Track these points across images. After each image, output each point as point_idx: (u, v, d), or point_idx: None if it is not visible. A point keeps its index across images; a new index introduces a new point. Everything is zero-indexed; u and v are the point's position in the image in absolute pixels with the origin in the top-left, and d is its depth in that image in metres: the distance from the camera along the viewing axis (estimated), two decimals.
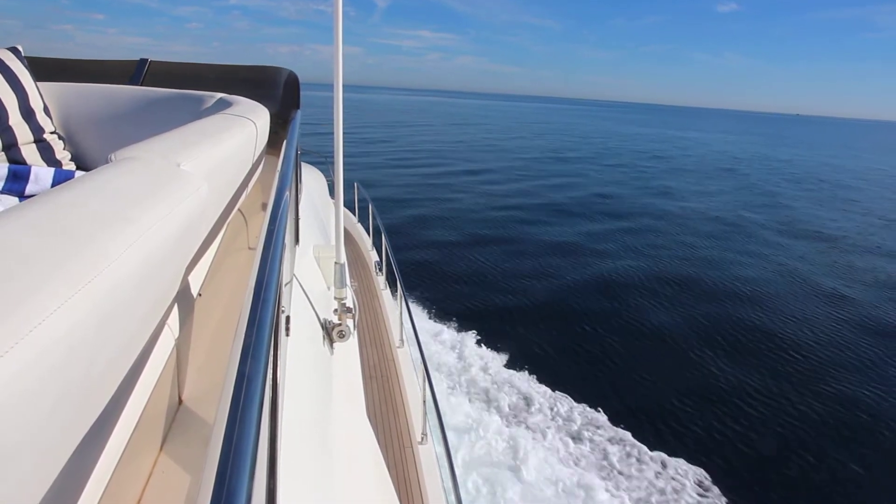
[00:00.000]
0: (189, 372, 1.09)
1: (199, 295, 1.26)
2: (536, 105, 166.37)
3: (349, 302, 1.57)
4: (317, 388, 1.19)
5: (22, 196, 1.50)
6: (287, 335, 1.02)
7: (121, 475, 0.74)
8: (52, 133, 1.87)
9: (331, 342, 1.52)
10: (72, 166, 1.91)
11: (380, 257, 5.24)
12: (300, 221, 1.88)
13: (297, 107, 2.58)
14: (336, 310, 1.56)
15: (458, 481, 1.95)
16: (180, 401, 1.06)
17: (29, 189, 1.53)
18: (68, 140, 2.05)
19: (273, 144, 2.10)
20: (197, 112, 1.98)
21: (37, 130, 1.78)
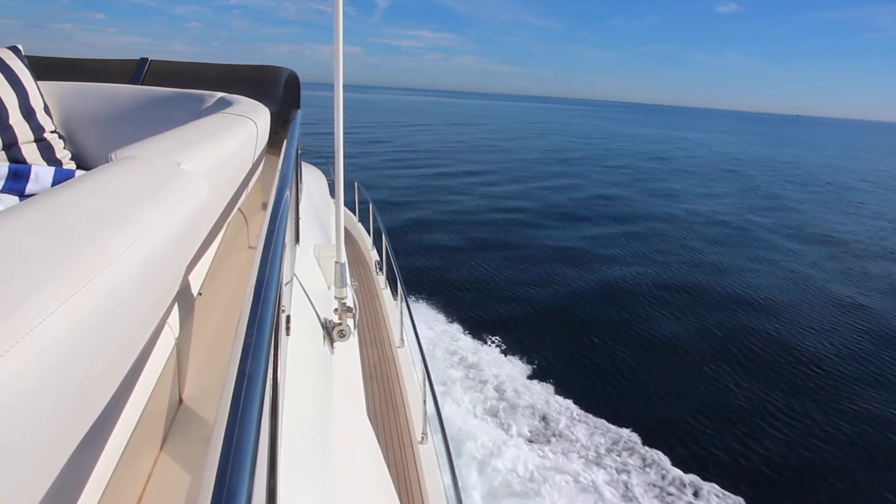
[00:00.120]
0: (189, 371, 1.09)
1: (200, 294, 1.26)
2: (536, 105, 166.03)
3: (349, 301, 1.57)
4: (317, 388, 1.19)
5: (22, 195, 1.50)
6: (287, 335, 1.02)
7: (121, 474, 0.74)
8: (53, 132, 1.87)
9: (331, 342, 1.52)
10: (72, 165, 1.91)
11: (380, 257, 5.24)
12: (300, 221, 1.88)
13: (298, 106, 2.57)
14: (336, 309, 1.56)
15: (458, 480, 1.95)
16: (181, 400, 1.06)
17: (29, 188, 1.53)
18: (68, 139, 2.05)
19: (273, 144, 2.10)
20: (197, 111, 1.98)
21: (37, 129, 1.78)
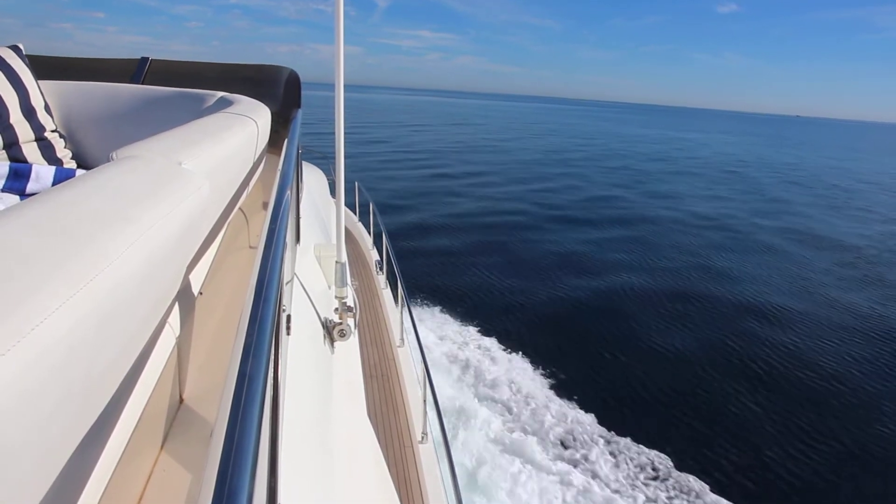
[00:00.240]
0: (190, 371, 1.09)
1: (200, 294, 1.26)
2: (536, 105, 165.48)
3: (350, 301, 1.57)
4: (317, 387, 1.19)
5: (23, 194, 1.50)
6: (288, 334, 1.02)
7: (121, 474, 0.74)
8: (53, 131, 1.87)
9: (331, 341, 1.52)
10: (72, 165, 1.91)
11: (380, 256, 5.24)
12: (301, 220, 1.88)
13: (298, 106, 2.57)
14: (337, 309, 1.56)
15: (458, 480, 1.95)
16: (181, 400, 1.06)
17: (30, 187, 1.53)
18: (69, 138, 2.05)
19: (274, 143, 2.10)
20: (198, 111, 1.98)
21: (38, 129, 1.78)
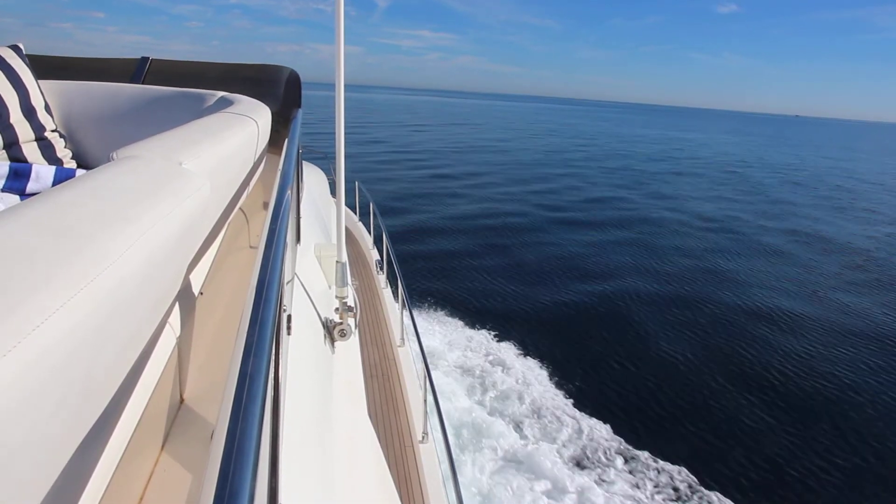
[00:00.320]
0: (190, 371, 1.09)
1: (201, 294, 1.26)
2: (536, 105, 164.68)
3: (350, 301, 1.57)
4: (318, 387, 1.19)
5: (23, 194, 1.50)
6: (288, 334, 1.02)
7: (122, 474, 0.74)
8: (54, 131, 1.87)
9: (332, 341, 1.52)
10: (73, 164, 1.91)
11: (381, 256, 5.25)
12: (301, 220, 1.88)
13: (299, 105, 2.57)
14: (337, 308, 1.56)
15: (459, 480, 1.95)
16: (182, 400, 1.06)
17: (30, 187, 1.53)
18: (69, 138, 2.05)
19: (274, 143, 2.10)
20: (198, 110, 1.98)
21: (38, 128, 1.78)
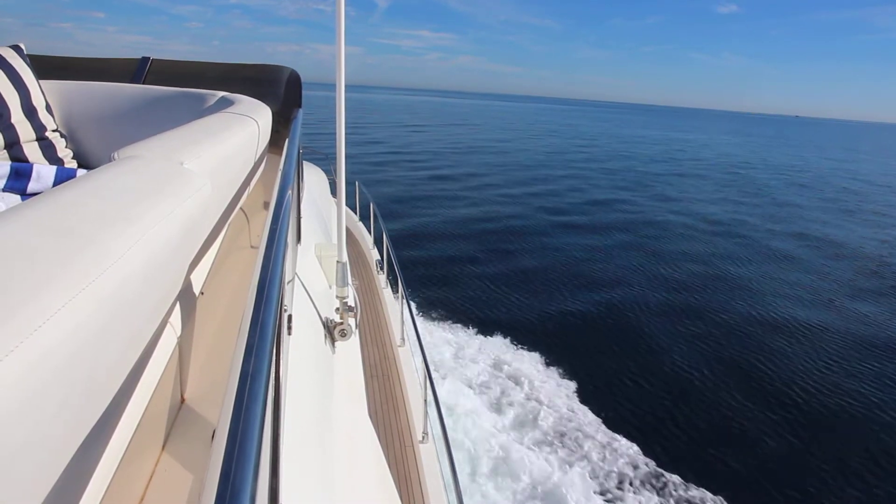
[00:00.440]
0: (191, 371, 1.09)
1: (202, 294, 1.26)
2: (536, 106, 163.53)
3: (351, 301, 1.57)
4: (319, 387, 1.19)
5: (24, 194, 1.50)
6: (289, 334, 1.02)
7: (123, 474, 0.74)
8: (55, 131, 1.87)
9: (332, 341, 1.52)
10: (73, 164, 1.91)
11: (381, 256, 5.25)
12: (302, 220, 1.88)
13: (299, 105, 2.58)
14: (338, 308, 1.56)
15: (459, 479, 1.95)
16: (182, 400, 1.06)
17: (31, 187, 1.53)
18: (70, 138, 2.05)
19: (275, 143, 2.10)
20: (199, 110, 1.98)
21: (39, 128, 1.78)
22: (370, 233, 5.99)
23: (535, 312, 7.76)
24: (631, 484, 4.49)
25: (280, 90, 2.54)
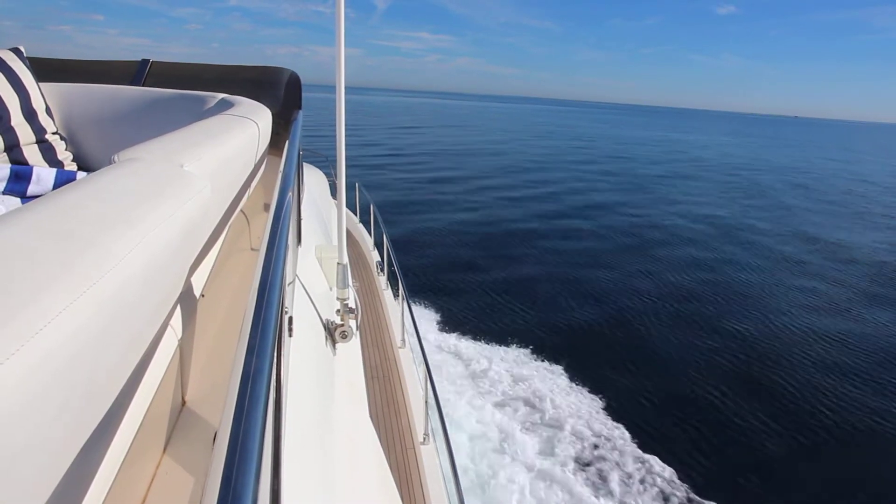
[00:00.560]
0: (192, 373, 1.09)
1: (202, 296, 1.26)
2: (535, 107, 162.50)
3: (351, 302, 1.57)
4: (319, 389, 1.19)
5: (24, 197, 1.50)
6: (290, 336, 1.02)
7: (124, 477, 0.74)
8: (54, 134, 1.87)
9: (333, 343, 1.52)
10: (73, 167, 1.91)
11: (381, 258, 5.25)
12: (302, 222, 1.88)
13: (299, 107, 2.58)
14: (338, 310, 1.55)
15: (461, 481, 1.95)
16: (183, 402, 1.06)
17: (31, 190, 1.53)
18: (70, 140, 2.05)
19: (275, 145, 2.10)
20: (199, 112, 1.98)
21: (39, 131, 1.78)
22: (370, 234, 6.00)
23: (539, 322, 7.51)
24: None
25: (280, 92, 2.54)
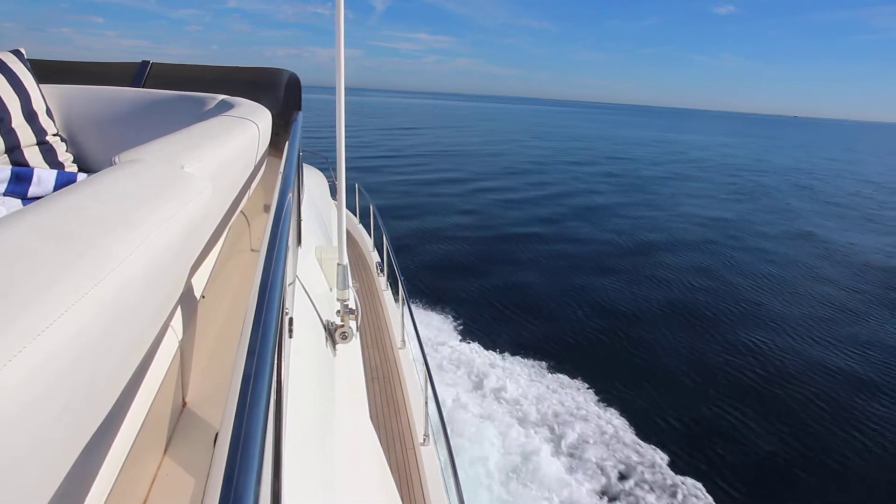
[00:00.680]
0: (192, 374, 1.09)
1: (203, 297, 1.26)
2: (534, 108, 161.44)
3: (352, 303, 1.57)
4: (320, 390, 1.19)
5: (25, 198, 1.50)
6: (290, 337, 1.02)
7: (125, 478, 0.74)
8: (55, 135, 1.87)
9: (333, 343, 1.52)
10: (74, 168, 1.91)
11: (381, 258, 5.25)
12: (302, 223, 1.88)
13: (299, 108, 2.58)
14: (339, 311, 1.55)
15: (461, 482, 1.95)
16: (184, 403, 1.06)
17: (32, 191, 1.53)
18: (71, 142, 2.05)
19: (275, 146, 2.10)
20: (199, 114, 1.98)
21: (39, 132, 1.78)
22: (370, 235, 5.99)
23: (540, 323, 7.36)
24: None
25: (280, 93, 2.54)
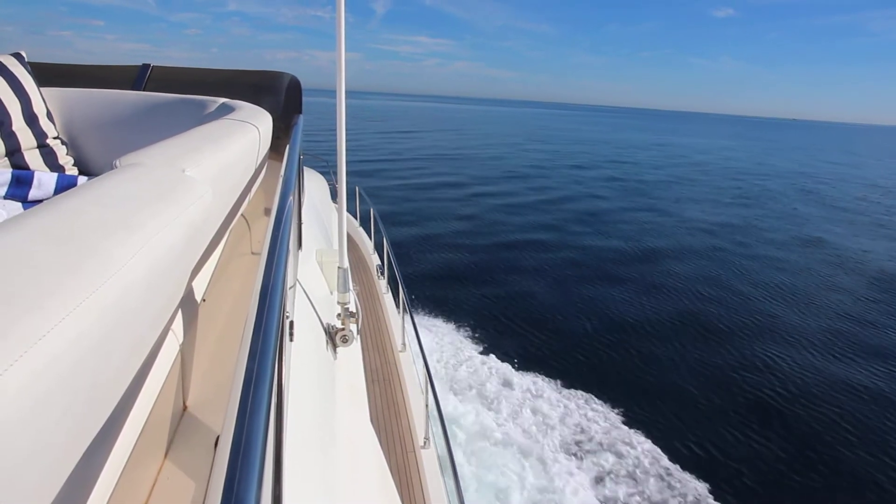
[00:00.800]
0: (193, 378, 1.09)
1: (204, 300, 1.26)
2: (534, 111, 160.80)
3: (352, 306, 1.57)
4: (321, 393, 1.19)
5: (25, 201, 1.51)
6: (291, 340, 1.02)
7: (126, 481, 0.74)
8: (55, 138, 1.87)
9: (334, 347, 1.52)
10: (74, 171, 1.91)
11: (381, 261, 5.25)
12: (303, 226, 1.88)
13: (300, 111, 2.58)
14: (339, 314, 1.55)
15: (461, 485, 1.94)
16: (185, 407, 1.05)
17: (32, 194, 1.53)
18: (71, 145, 2.05)
19: (276, 149, 2.11)
20: (199, 117, 1.98)
21: (40, 136, 1.78)
22: (370, 238, 6.00)
23: (549, 340, 7.16)
24: None
25: (280, 96, 2.55)
